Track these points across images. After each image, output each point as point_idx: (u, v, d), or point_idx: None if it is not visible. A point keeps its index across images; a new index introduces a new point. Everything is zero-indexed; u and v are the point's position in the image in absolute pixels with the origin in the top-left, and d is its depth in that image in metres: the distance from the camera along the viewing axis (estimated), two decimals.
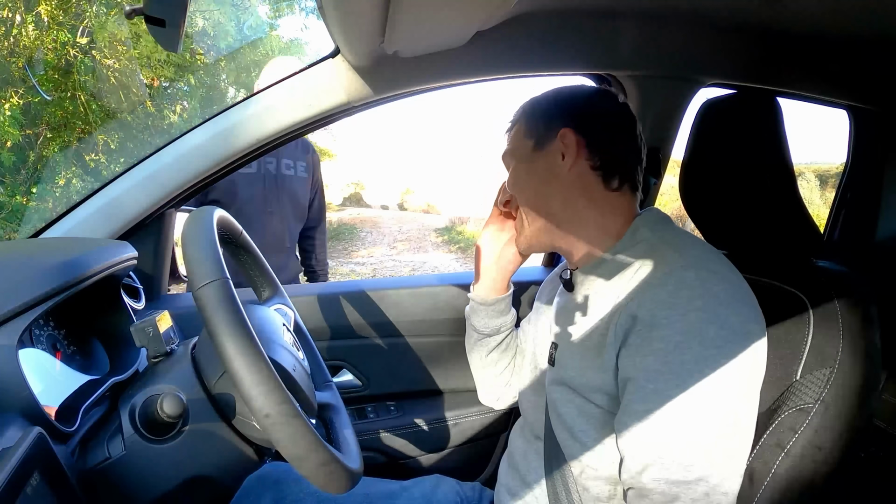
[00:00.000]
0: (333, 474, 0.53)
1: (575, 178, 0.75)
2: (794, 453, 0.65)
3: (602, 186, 0.75)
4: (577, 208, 0.75)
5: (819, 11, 0.79)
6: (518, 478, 0.82)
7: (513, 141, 0.82)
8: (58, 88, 4.53)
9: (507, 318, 0.95)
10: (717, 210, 0.82)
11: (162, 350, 0.63)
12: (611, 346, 0.66)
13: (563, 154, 0.75)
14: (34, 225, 4.13)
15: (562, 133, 0.74)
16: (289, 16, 8.12)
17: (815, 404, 0.64)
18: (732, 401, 0.60)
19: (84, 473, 0.57)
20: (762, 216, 0.76)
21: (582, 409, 0.70)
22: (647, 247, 0.70)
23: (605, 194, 0.75)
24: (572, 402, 0.71)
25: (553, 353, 0.78)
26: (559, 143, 0.75)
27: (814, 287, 0.70)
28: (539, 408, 0.81)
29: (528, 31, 0.90)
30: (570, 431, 0.71)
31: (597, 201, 0.75)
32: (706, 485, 0.58)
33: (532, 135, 0.78)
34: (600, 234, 0.75)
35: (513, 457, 0.86)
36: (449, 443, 1.18)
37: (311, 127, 0.98)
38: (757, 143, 0.76)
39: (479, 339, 0.96)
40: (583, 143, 0.74)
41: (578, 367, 0.71)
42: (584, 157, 0.75)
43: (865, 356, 0.65)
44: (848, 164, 1.19)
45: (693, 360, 0.59)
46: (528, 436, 0.84)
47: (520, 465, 0.83)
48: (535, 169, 0.78)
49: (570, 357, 0.73)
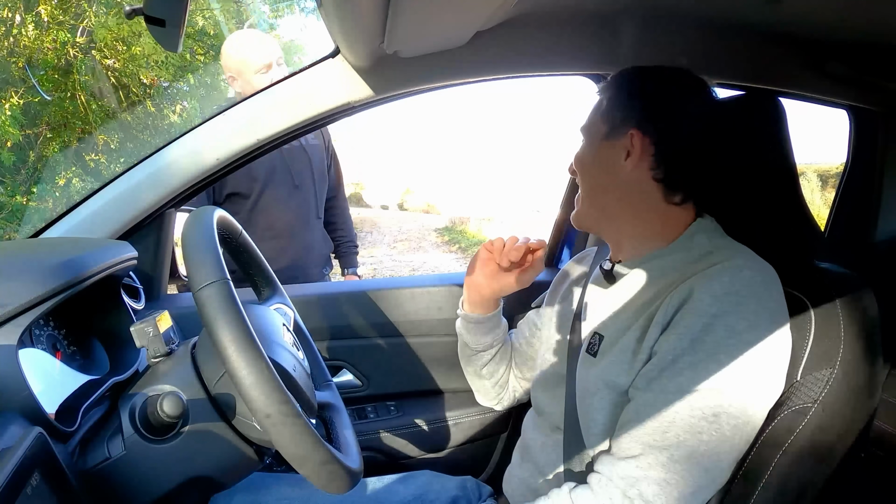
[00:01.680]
0: (334, 474, 0.53)
1: (633, 181, 0.72)
2: (794, 453, 0.65)
3: (661, 198, 0.72)
4: (632, 210, 0.73)
5: (819, 12, 0.79)
6: (535, 470, 0.81)
7: (592, 116, 0.78)
8: (58, 88, 4.53)
9: (498, 332, 0.94)
10: (720, 210, 0.82)
11: (162, 350, 0.62)
12: (651, 336, 0.66)
13: (627, 152, 0.71)
14: (34, 225, 4.13)
15: (631, 133, 0.71)
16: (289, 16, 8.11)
17: (815, 404, 0.64)
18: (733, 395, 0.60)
19: (84, 473, 0.57)
20: (765, 217, 0.76)
21: (616, 402, 0.69)
22: (703, 250, 0.69)
23: (665, 206, 0.72)
24: (609, 394, 0.69)
25: (597, 345, 0.74)
26: (627, 141, 0.71)
27: (815, 288, 0.70)
28: (558, 399, 0.80)
29: (528, 31, 0.90)
30: (595, 422, 0.70)
31: (654, 209, 0.73)
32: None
33: (607, 121, 0.74)
34: (653, 236, 0.74)
35: (529, 450, 0.84)
36: (449, 443, 1.18)
37: (311, 127, 0.98)
38: (760, 144, 0.76)
39: (472, 354, 0.96)
40: (649, 151, 0.70)
41: (622, 360, 0.69)
42: (647, 166, 0.71)
43: (866, 357, 0.65)
44: (848, 164, 1.19)
45: (713, 342, 0.61)
46: (545, 428, 0.83)
47: (538, 457, 0.81)
48: (599, 158, 0.75)
49: (615, 348, 0.71)
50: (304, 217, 1.69)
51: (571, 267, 0.93)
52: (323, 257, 1.77)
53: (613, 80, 0.77)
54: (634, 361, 0.67)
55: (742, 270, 0.64)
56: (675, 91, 0.73)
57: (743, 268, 0.64)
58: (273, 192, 1.61)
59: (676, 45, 0.94)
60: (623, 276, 0.75)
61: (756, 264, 0.66)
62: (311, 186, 1.69)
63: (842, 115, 1.17)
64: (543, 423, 0.84)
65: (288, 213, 1.64)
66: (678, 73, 0.74)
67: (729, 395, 0.60)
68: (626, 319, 0.71)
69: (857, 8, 0.75)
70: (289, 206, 1.64)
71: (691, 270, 0.67)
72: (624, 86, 0.75)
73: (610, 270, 0.76)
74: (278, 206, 1.62)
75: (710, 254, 0.68)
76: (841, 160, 1.22)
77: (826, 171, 11.12)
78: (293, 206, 1.65)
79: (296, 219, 1.66)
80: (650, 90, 0.73)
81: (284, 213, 1.63)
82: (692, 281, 0.65)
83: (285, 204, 1.63)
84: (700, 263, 0.67)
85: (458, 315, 0.95)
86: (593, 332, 0.76)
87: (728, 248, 0.69)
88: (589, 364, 0.74)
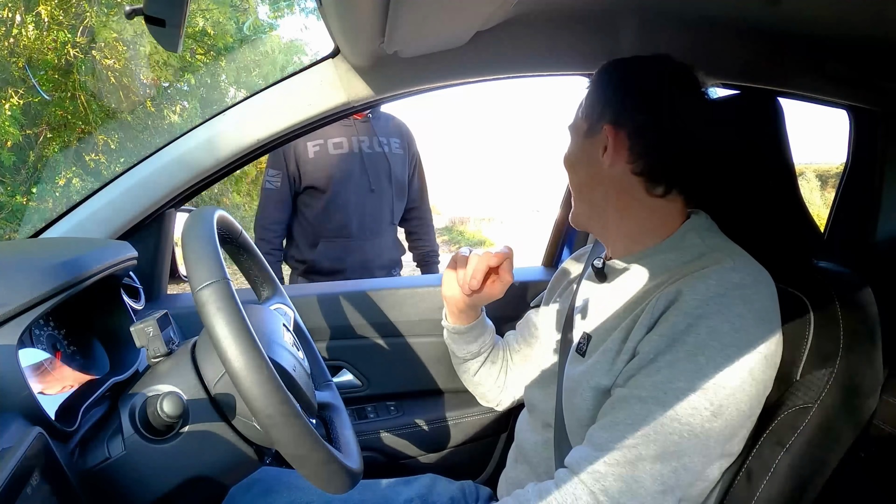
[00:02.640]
0: (334, 474, 0.53)
1: (614, 177, 0.71)
2: (794, 453, 0.65)
3: (644, 191, 0.71)
4: (617, 205, 0.72)
5: (819, 11, 0.79)
6: (529, 471, 0.81)
7: (576, 114, 0.78)
8: (58, 88, 4.53)
9: (485, 338, 0.93)
10: (719, 210, 0.82)
11: (162, 350, 0.62)
12: (634, 337, 0.66)
13: (604, 148, 0.70)
14: (34, 225, 4.13)
15: (605, 128, 0.70)
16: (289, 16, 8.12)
17: (815, 404, 0.64)
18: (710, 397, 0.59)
19: (84, 473, 0.57)
20: (763, 216, 0.76)
21: (599, 402, 0.68)
22: (696, 252, 0.68)
23: (649, 199, 0.71)
24: (592, 393, 0.69)
25: (585, 345, 0.74)
26: (603, 137, 0.70)
27: (814, 287, 0.70)
28: (550, 396, 0.80)
29: (528, 31, 0.90)
30: (580, 421, 0.70)
31: (640, 203, 0.71)
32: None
33: (587, 118, 0.74)
34: (643, 232, 0.72)
35: (522, 450, 0.84)
36: (449, 443, 1.18)
37: (311, 127, 0.98)
38: (758, 144, 0.76)
39: (462, 362, 0.96)
40: (625, 145, 0.69)
41: (604, 361, 0.69)
42: (624, 160, 0.70)
43: (865, 356, 0.65)
44: (848, 164, 1.19)
45: (694, 343, 0.60)
46: (538, 426, 0.82)
47: (531, 457, 0.81)
48: (582, 155, 0.75)
49: (599, 349, 0.70)
50: (377, 221, 1.71)
51: (569, 264, 0.93)
52: (392, 261, 1.79)
53: (598, 75, 0.76)
54: (616, 362, 0.67)
55: (731, 273, 0.63)
56: (648, 81, 0.71)
57: (732, 270, 0.63)
58: (347, 193, 1.65)
59: (676, 45, 0.94)
60: (615, 274, 0.75)
61: (746, 267, 0.65)
62: (388, 193, 1.72)
63: (842, 115, 1.17)
64: (535, 420, 0.84)
65: (360, 215, 1.67)
66: (654, 62, 0.72)
67: (704, 397, 0.59)
68: (613, 319, 0.71)
69: (857, 8, 0.75)
70: (363, 209, 1.67)
71: (681, 272, 0.66)
72: (599, 81, 0.74)
73: (601, 268, 0.76)
74: (351, 207, 1.66)
75: (703, 255, 0.67)
76: (841, 160, 1.22)
77: (826, 171, 11.11)
78: (367, 209, 1.68)
79: (369, 222, 1.69)
80: (622, 83, 0.72)
81: (357, 215, 1.67)
82: (681, 283, 0.64)
83: (359, 206, 1.67)
84: (691, 265, 0.67)
85: (442, 326, 0.95)
86: (583, 331, 0.75)
87: (721, 249, 0.68)
88: (577, 363, 0.74)
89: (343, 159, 1.65)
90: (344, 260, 1.68)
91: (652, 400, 0.60)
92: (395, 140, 1.75)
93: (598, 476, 0.61)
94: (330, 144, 1.64)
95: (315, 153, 1.64)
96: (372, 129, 1.69)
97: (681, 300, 0.63)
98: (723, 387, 0.59)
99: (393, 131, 1.76)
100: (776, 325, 0.64)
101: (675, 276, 0.66)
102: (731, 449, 0.64)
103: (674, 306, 0.63)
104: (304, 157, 1.64)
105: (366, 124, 1.68)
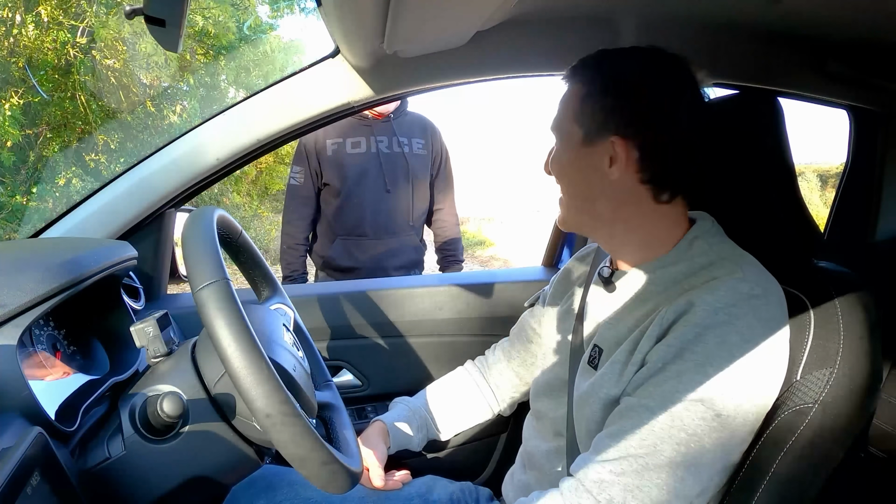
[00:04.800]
0: (334, 474, 0.53)
1: (622, 187, 0.69)
2: (794, 453, 0.64)
3: (651, 198, 0.69)
4: (624, 215, 0.70)
5: (819, 11, 0.79)
6: (540, 477, 0.80)
7: (561, 114, 0.72)
8: (58, 88, 4.53)
9: (421, 429, 0.93)
10: (718, 210, 0.82)
11: (162, 350, 0.62)
12: (642, 349, 0.65)
13: (611, 159, 0.67)
14: (34, 225, 4.13)
15: (612, 140, 0.67)
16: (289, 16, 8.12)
17: (815, 404, 0.64)
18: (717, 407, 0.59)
19: (84, 473, 0.57)
20: (763, 216, 0.76)
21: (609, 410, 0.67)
22: (705, 260, 0.67)
23: (655, 206, 0.70)
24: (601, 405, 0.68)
25: (597, 358, 0.72)
26: (609, 148, 0.67)
27: (814, 287, 0.70)
28: (561, 404, 0.79)
29: (528, 31, 0.90)
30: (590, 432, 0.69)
31: (647, 211, 0.70)
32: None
33: (582, 123, 0.69)
34: (650, 241, 0.71)
35: (532, 457, 0.83)
36: (449, 443, 1.18)
37: (311, 127, 0.98)
38: (758, 144, 0.76)
39: (437, 434, 0.96)
40: (634, 156, 0.67)
41: (613, 373, 0.68)
42: (634, 170, 0.67)
43: (865, 356, 0.65)
44: (848, 164, 1.19)
45: (702, 353, 0.60)
46: (548, 435, 0.81)
47: (542, 464, 0.80)
48: (580, 164, 0.70)
49: (609, 361, 0.69)
50: (393, 221, 1.70)
51: (573, 265, 0.91)
52: (411, 262, 1.76)
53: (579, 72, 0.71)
54: (625, 372, 0.67)
55: (740, 283, 0.63)
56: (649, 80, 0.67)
57: (742, 281, 0.63)
58: (362, 192, 1.64)
59: (676, 45, 0.94)
60: (623, 283, 0.73)
61: (755, 276, 0.65)
62: (405, 194, 1.70)
63: (842, 115, 1.17)
64: (544, 428, 0.83)
65: (375, 215, 1.67)
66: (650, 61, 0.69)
67: (712, 406, 0.59)
68: (622, 330, 0.70)
69: (857, 8, 0.75)
70: (378, 209, 1.66)
71: (691, 283, 0.66)
72: (593, 85, 0.69)
73: (609, 277, 0.75)
74: (366, 207, 1.65)
75: (712, 264, 0.67)
76: (841, 160, 1.22)
77: (826, 171, 11.11)
78: (383, 209, 1.67)
79: (385, 222, 1.68)
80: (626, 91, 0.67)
81: (371, 214, 1.66)
82: (691, 294, 0.64)
83: (374, 206, 1.66)
84: (700, 275, 0.66)
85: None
86: (594, 343, 0.74)
87: (729, 257, 0.67)
88: (588, 375, 0.73)
89: (359, 159, 1.65)
90: (358, 258, 1.67)
91: (659, 409, 0.60)
92: (417, 140, 1.72)
93: (603, 485, 0.60)
94: (348, 144, 1.64)
95: (333, 151, 1.64)
96: (392, 129, 1.67)
97: (690, 312, 0.62)
98: (730, 397, 0.59)
99: (416, 131, 1.73)
100: (784, 336, 0.64)
101: (685, 287, 0.66)
102: (737, 458, 0.64)
103: (683, 318, 0.63)
104: (323, 154, 1.64)
105: (386, 124, 1.67)
